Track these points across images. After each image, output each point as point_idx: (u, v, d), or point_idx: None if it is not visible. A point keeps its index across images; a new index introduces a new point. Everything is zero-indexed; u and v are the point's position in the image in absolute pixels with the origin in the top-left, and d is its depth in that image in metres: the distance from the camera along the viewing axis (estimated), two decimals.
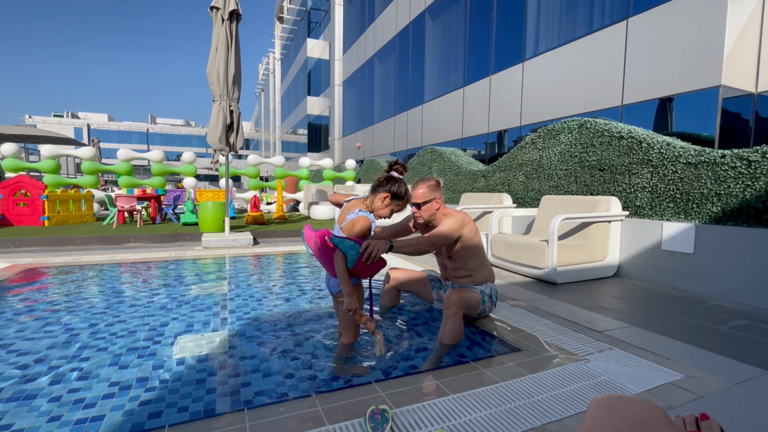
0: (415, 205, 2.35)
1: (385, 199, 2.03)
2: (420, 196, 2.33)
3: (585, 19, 7.79)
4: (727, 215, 3.27)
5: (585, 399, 1.58)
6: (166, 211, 8.70)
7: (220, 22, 5.43)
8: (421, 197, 2.33)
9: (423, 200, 2.33)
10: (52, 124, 50.94)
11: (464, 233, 2.35)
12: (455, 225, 2.30)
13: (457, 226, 2.31)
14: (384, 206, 2.04)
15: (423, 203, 2.33)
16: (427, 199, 2.33)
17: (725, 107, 5.63)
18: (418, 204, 2.34)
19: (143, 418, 1.50)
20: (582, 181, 4.72)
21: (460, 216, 2.36)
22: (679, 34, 6.02)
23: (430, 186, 2.34)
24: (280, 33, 37.97)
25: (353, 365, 1.99)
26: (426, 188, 2.33)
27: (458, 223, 2.32)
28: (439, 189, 2.36)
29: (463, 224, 2.34)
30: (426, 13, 13.97)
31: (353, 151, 21.87)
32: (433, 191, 2.34)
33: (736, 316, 2.75)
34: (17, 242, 5.33)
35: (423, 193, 2.33)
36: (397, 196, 2.04)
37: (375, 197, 2.04)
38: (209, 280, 3.79)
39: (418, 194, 2.33)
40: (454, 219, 2.32)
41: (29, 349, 2.10)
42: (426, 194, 2.33)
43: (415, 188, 2.36)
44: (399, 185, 2.05)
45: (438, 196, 2.36)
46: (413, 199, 2.35)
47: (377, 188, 2.04)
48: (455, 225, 2.30)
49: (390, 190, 2.03)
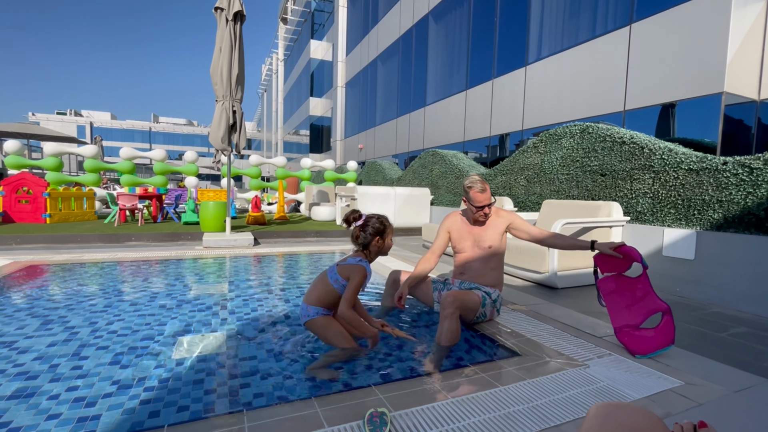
0: (488, 206, 2.50)
1: (378, 241, 2.16)
2: (489, 197, 2.50)
3: (588, 24, 7.80)
4: (728, 222, 3.26)
5: (584, 405, 1.58)
6: (167, 210, 8.72)
7: (225, 23, 5.45)
8: (489, 198, 2.50)
9: (491, 201, 2.50)
10: (56, 121, 51.11)
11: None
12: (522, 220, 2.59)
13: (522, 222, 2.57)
14: (381, 245, 2.19)
15: (490, 204, 2.50)
16: (493, 201, 2.52)
17: (727, 114, 5.63)
18: (489, 205, 2.50)
19: (143, 417, 1.50)
20: (583, 186, 4.72)
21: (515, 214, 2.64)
22: (682, 41, 6.03)
23: (488, 187, 2.52)
24: (284, 34, 38.08)
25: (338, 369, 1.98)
26: (488, 189, 2.50)
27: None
28: None
29: None
30: (429, 16, 14.00)
31: (355, 152, 21.90)
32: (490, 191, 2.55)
33: (737, 324, 2.74)
34: (19, 239, 5.34)
35: (489, 194, 2.50)
36: (381, 231, 2.16)
37: (370, 247, 2.16)
38: (209, 280, 3.80)
39: (488, 196, 2.49)
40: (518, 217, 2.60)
41: (29, 347, 2.11)
42: (490, 195, 2.51)
43: (485, 191, 2.48)
44: (372, 223, 2.16)
45: None
46: (486, 201, 2.47)
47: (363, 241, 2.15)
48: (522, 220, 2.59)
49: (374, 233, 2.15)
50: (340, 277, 2.08)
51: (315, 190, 10.92)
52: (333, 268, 2.15)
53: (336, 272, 2.10)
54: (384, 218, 2.23)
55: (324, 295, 2.10)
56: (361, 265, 2.07)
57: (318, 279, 2.19)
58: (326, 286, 2.11)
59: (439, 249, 2.69)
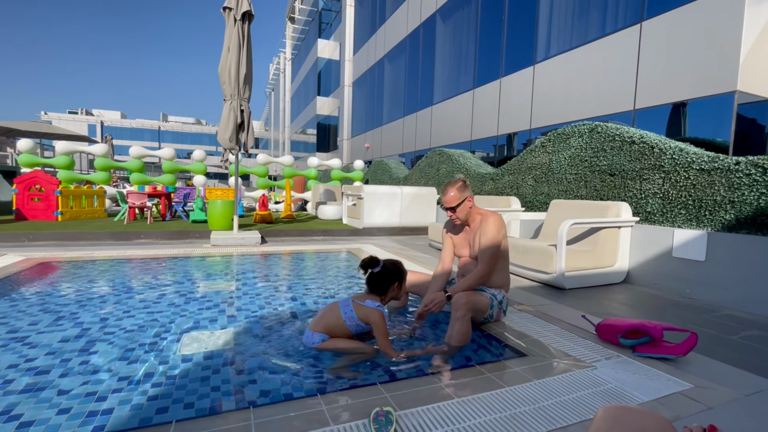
0: (450, 209, 2.41)
1: (395, 287, 2.18)
2: (453, 199, 2.39)
3: (598, 22, 7.72)
4: (740, 223, 3.21)
5: (591, 407, 1.57)
6: (176, 208, 8.81)
7: (233, 23, 5.48)
8: (455, 200, 2.39)
9: (457, 203, 2.39)
10: (67, 120, 51.89)
11: (503, 235, 2.41)
12: (497, 232, 2.36)
13: (498, 232, 2.36)
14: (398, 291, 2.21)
15: (457, 206, 2.39)
16: (460, 201, 2.39)
17: (740, 113, 5.53)
18: (452, 207, 2.40)
19: (151, 413, 1.52)
20: (592, 186, 4.67)
21: (498, 220, 2.40)
22: (694, 39, 5.93)
23: (459, 187, 2.40)
24: (292, 33, 38.24)
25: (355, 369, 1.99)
26: (456, 191, 2.39)
27: (499, 229, 2.37)
28: (467, 188, 2.43)
29: (502, 229, 2.40)
30: (437, 14, 13.95)
31: (362, 151, 21.92)
32: (463, 191, 2.40)
33: (749, 327, 2.70)
34: (31, 236, 5.43)
35: (455, 196, 2.39)
36: (398, 278, 2.19)
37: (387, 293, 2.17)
38: (217, 277, 3.83)
39: (451, 198, 2.39)
40: (493, 226, 2.36)
41: (41, 342, 2.15)
42: (458, 196, 2.39)
43: (446, 193, 2.41)
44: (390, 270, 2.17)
45: (469, 194, 2.42)
46: (447, 204, 2.42)
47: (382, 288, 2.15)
48: (497, 232, 2.36)
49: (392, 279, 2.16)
50: (358, 318, 2.05)
51: (322, 189, 10.95)
52: (348, 304, 2.10)
53: (353, 310, 2.07)
54: (399, 264, 2.23)
55: (333, 327, 2.07)
56: (380, 311, 2.04)
57: (328, 309, 2.14)
58: (337, 319, 2.08)
59: (449, 257, 2.64)
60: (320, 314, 2.16)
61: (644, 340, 2.11)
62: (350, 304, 2.11)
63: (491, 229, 2.36)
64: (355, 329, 2.09)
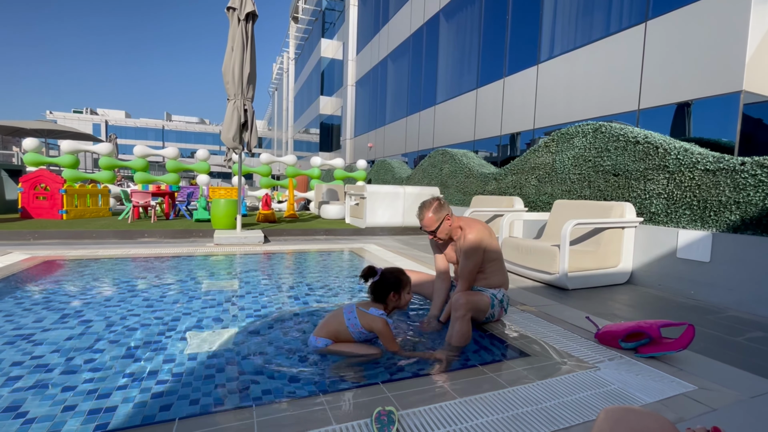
0: (430, 232, 2.39)
1: (394, 296, 2.13)
2: (431, 221, 2.36)
3: (602, 21, 7.68)
4: (745, 224, 3.19)
5: (594, 407, 1.56)
6: (179, 207, 8.85)
7: (237, 23, 5.50)
8: (433, 223, 2.37)
9: (436, 225, 2.37)
10: (72, 120, 52.25)
11: (485, 244, 2.37)
12: (476, 246, 2.33)
13: (478, 246, 2.33)
14: (398, 301, 2.15)
15: (437, 228, 2.37)
16: (439, 223, 2.37)
17: (746, 113, 5.49)
18: (432, 231, 2.38)
19: (155, 411, 1.53)
20: (596, 186, 4.65)
21: (476, 232, 2.36)
22: (699, 38, 5.89)
23: (434, 209, 2.36)
24: (295, 33, 38.29)
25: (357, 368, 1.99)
26: (432, 212, 2.36)
27: (478, 243, 2.34)
28: (443, 206, 2.39)
29: (482, 239, 2.36)
30: (440, 14, 13.93)
31: (365, 151, 21.92)
32: (439, 212, 2.37)
33: (753, 328, 2.68)
34: (36, 235, 5.47)
35: (432, 218, 2.36)
36: (396, 287, 2.14)
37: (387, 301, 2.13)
38: (220, 276, 3.84)
39: (429, 220, 2.37)
40: (472, 241, 2.34)
41: (46, 339, 2.16)
42: (435, 218, 2.36)
43: (423, 217, 2.39)
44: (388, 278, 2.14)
45: (446, 213, 2.39)
46: (426, 228, 2.40)
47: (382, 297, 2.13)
48: (476, 246, 2.33)
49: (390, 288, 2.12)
50: (362, 326, 2.04)
51: (324, 188, 10.97)
52: (352, 311, 2.09)
53: (356, 318, 2.06)
54: (399, 272, 2.19)
55: (336, 333, 2.07)
56: (384, 319, 2.03)
57: (332, 316, 2.14)
58: (340, 325, 2.07)
59: (443, 265, 2.63)
60: (324, 320, 2.15)
61: (644, 342, 2.10)
62: (354, 311, 2.09)
63: (468, 245, 2.34)
64: (357, 336, 2.07)
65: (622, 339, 2.16)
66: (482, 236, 2.36)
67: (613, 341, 2.20)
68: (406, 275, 2.22)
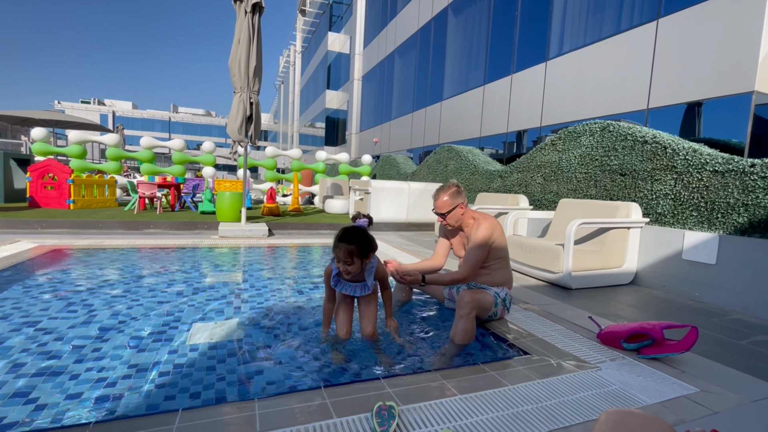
0: (440, 214, 2.39)
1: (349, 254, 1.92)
2: (444, 205, 2.38)
3: (613, 19, 7.57)
4: (753, 227, 3.15)
5: (594, 408, 1.56)
6: (185, 199, 8.90)
7: (243, 15, 5.48)
8: (445, 206, 2.37)
9: (448, 209, 2.37)
10: (80, 110, 52.53)
11: (494, 239, 2.37)
12: (485, 239, 2.32)
13: (487, 240, 2.33)
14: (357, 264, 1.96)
15: (448, 212, 2.38)
16: (451, 208, 2.37)
17: (758, 114, 5.41)
18: (443, 213, 2.38)
19: (159, 401, 1.55)
20: (602, 186, 4.62)
21: (489, 226, 2.36)
22: (711, 37, 5.80)
23: (451, 194, 2.38)
24: (302, 26, 38.13)
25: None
26: (448, 197, 2.37)
27: (488, 237, 2.33)
28: (460, 194, 2.40)
29: (493, 234, 2.36)
30: (449, 9, 13.80)
31: (370, 146, 21.88)
32: (455, 198, 2.38)
33: (758, 331, 2.66)
34: (44, 224, 5.53)
35: (446, 202, 2.37)
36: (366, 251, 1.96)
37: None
38: (224, 268, 3.87)
39: (442, 203, 2.38)
40: (482, 232, 2.33)
41: (54, 328, 2.20)
42: (449, 203, 2.37)
43: (438, 198, 2.39)
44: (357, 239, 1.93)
45: (461, 201, 2.39)
46: (437, 209, 2.40)
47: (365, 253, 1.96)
48: (485, 239, 2.32)
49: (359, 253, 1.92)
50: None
51: (329, 183, 10.97)
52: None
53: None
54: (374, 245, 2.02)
55: None
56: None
57: None
58: None
59: (443, 250, 2.65)
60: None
61: (647, 343, 2.10)
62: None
63: (479, 236, 2.33)
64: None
65: (625, 340, 2.15)
66: (494, 231, 2.37)
67: (615, 342, 2.20)
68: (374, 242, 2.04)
